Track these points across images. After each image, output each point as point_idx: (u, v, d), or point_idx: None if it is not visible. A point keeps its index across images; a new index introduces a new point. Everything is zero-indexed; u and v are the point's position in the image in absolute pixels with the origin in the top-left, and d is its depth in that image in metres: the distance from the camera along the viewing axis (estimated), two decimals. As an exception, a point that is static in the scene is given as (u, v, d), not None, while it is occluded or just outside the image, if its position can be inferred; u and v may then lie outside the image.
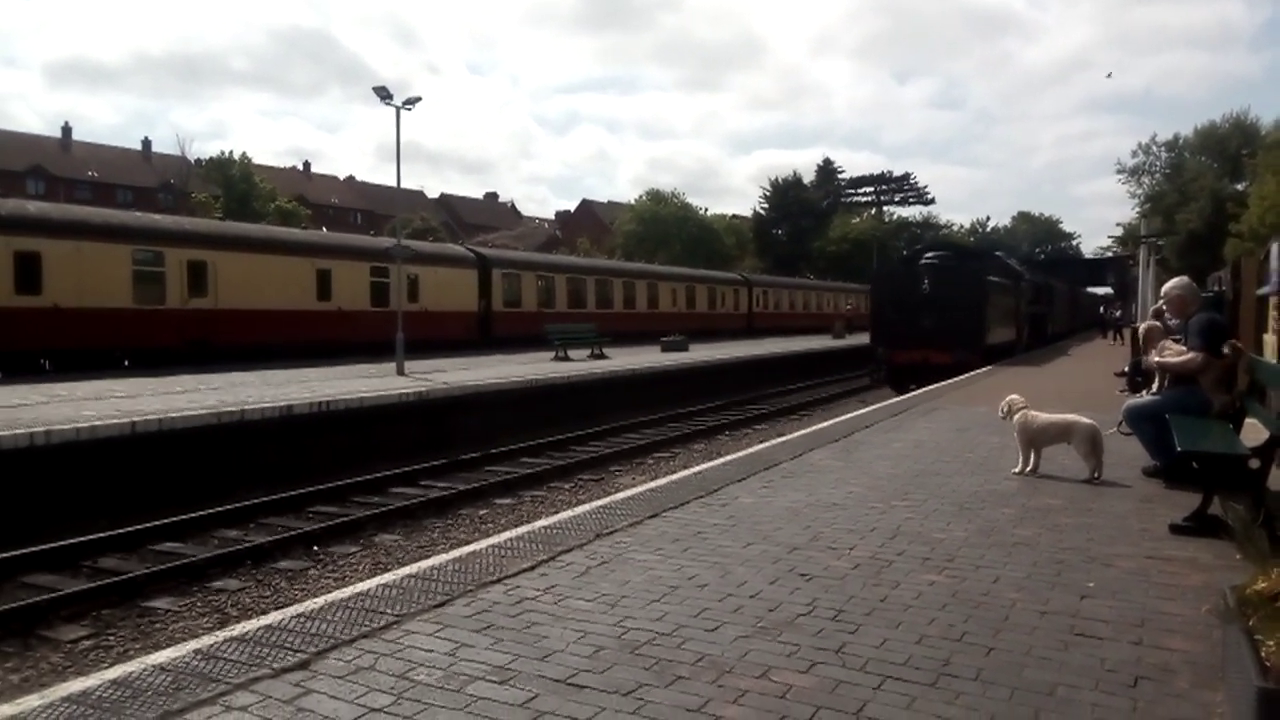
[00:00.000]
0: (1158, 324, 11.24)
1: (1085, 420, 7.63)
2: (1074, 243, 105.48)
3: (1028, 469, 7.74)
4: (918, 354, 21.99)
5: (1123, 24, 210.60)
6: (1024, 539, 5.61)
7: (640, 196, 73.58)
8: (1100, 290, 69.54)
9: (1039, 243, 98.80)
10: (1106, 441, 7.70)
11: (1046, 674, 3.55)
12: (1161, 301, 9.36)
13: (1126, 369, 15.10)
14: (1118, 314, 42.61)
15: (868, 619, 4.16)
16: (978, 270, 24.88)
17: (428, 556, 6.54)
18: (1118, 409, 10.42)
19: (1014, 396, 7.99)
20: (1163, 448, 7.42)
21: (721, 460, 8.99)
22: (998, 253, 38.48)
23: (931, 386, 17.51)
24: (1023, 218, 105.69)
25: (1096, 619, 4.17)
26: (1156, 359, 7.74)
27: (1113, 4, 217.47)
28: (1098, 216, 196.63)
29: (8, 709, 3.29)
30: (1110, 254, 78.77)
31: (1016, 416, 7.78)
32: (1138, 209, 64.06)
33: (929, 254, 26.92)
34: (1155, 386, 8.02)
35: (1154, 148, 65.79)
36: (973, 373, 19.64)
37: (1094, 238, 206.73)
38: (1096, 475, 7.47)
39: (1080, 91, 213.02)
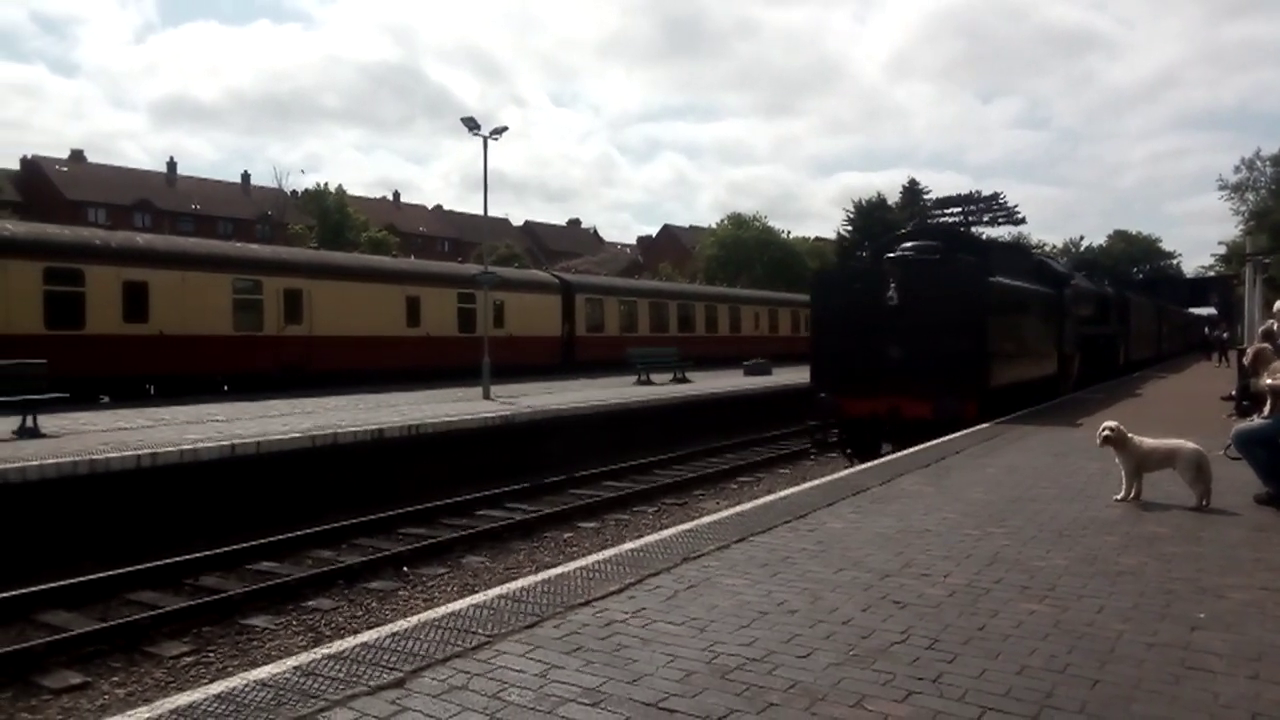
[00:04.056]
0: (1267, 345, 10.75)
1: (1191, 445, 7.32)
2: (1174, 262, 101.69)
3: (1131, 496, 7.45)
4: (882, 402, 14.29)
5: (1213, 40, 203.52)
6: (1129, 568, 5.39)
7: (722, 220, 73.67)
8: (1203, 311, 66.83)
9: (1137, 262, 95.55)
10: (1214, 467, 7.38)
11: (1156, 708, 3.39)
12: (1273, 321, 8.95)
13: (1234, 393, 14.49)
14: (1224, 335, 40.80)
15: (965, 648, 4.04)
16: (978, 268, 15.35)
17: (515, 578, 6.59)
18: (1226, 434, 9.99)
19: (1111, 423, 7.71)
20: (1275, 474, 7.09)
21: (808, 485, 8.87)
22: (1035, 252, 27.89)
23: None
24: (1119, 236, 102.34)
25: (1209, 652, 3.98)
26: (1268, 382, 7.39)
27: (1202, 20, 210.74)
28: (1196, 235, 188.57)
29: (120, 720, 3.41)
30: (1213, 273, 75.83)
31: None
32: (1242, 226, 61.58)
33: (904, 245, 16.65)
34: (1266, 410, 7.65)
35: (1258, 163, 63.22)
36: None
37: (1194, 257, 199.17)
38: (1204, 503, 7.16)
39: (1170, 109, 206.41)
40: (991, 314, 14.50)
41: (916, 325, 14.22)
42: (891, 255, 16.00)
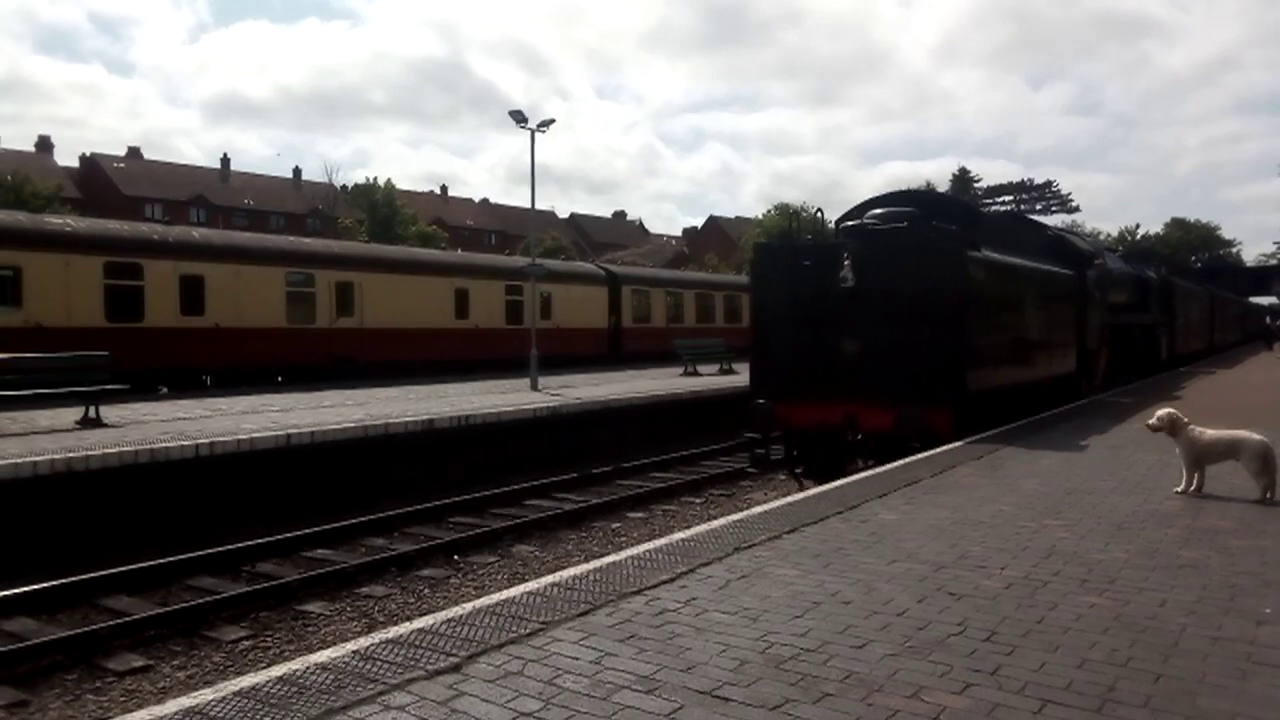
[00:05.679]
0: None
1: (1256, 436, 7.14)
2: (1234, 250, 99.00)
3: (1192, 488, 7.29)
4: (834, 410, 11.50)
5: (1271, 21, 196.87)
6: (1191, 561, 5.28)
7: (768, 211, 73.25)
8: (1265, 300, 65.13)
9: (1196, 250, 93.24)
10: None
11: (1223, 703, 3.32)
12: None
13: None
14: None
15: (1024, 640, 3.99)
16: (954, 238, 11.82)
17: (565, 567, 6.63)
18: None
19: (1170, 410, 7.55)
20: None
21: (859, 476, 8.80)
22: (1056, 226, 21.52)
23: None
24: (1177, 224, 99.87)
25: (1276, 647, 3.89)
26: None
27: (1260, 1, 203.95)
28: (1256, 222, 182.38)
29: (186, 701, 3.49)
30: (1275, 261, 73.88)
31: (1181, 432, 7.34)
32: (1306, 213, 60.01)
33: (873, 212, 13.12)
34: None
35: (1324, 146, 61.38)
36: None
37: (1255, 244, 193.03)
38: (1269, 495, 6.98)
39: (1228, 92, 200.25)
40: (973, 297, 11.43)
41: (877, 313, 11.29)
42: (846, 226, 12.93)
